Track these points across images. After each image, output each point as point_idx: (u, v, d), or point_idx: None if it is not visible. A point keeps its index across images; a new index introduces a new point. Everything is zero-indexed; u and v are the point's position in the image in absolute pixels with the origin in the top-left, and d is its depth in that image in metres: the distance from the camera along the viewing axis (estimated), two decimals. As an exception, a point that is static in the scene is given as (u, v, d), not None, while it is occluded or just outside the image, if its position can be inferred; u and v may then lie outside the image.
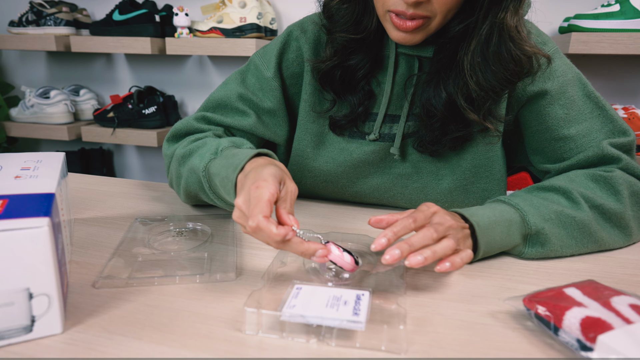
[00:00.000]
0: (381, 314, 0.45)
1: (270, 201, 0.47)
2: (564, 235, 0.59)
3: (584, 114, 0.68)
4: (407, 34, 0.62)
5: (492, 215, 0.57)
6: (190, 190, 0.68)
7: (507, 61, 0.61)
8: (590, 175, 0.65)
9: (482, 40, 0.61)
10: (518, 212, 0.58)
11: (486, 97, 0.64)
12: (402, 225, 0.51)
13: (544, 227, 0.58)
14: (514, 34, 0.60)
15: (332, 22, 0.70)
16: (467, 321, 0.46)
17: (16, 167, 0.55)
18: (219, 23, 1.59)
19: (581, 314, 0.41)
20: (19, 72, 2.13)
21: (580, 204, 0.60)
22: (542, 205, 0.60)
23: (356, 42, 0.69)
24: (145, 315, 0.46)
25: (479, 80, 0.62)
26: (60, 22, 1.77)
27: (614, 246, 0.63)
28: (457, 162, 0.73)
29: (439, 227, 0.51)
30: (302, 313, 0.42)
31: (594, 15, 1.33)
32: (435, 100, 0.67)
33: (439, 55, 0.66)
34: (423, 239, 0.50)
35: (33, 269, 0.40)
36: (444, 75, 0.66)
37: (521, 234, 0.58)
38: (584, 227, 0.60)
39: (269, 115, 0.77)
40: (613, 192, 0.63)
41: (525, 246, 0.59)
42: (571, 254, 0.60)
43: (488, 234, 0.56)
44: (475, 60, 0.62)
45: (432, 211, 0.54)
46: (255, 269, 0.56)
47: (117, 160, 2.15)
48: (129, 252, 0.58)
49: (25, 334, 0.41)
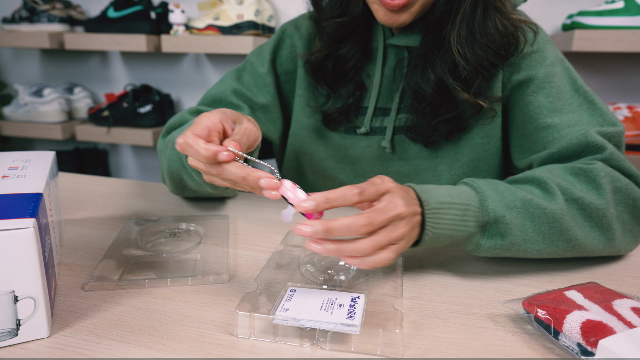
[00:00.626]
0: (377, 317, 0.44)
1: (208, 126, 0.45)
2: (529, 228, 0.51)
3: (572, 105, 0.64)
4: (393, 14, 0.61)
5: (448, 195, 0.50)
6: (173, 171, 0.66)
7: (492, 33, 0.60)
8: (569, 168, 0.57)
9: (467, 13, 0.60)
10: (478, 196, 0.51)
11: (475, 72, 0.63)
12: (341, 194, 0.43)
13: (504, 215, 0.50)
14: (499, 4, 0.60)
15: (320, 10, 0.70)
16: (465, 325, 0.45)
17: (4, 167, 0.54)
18: (215, 20, 1.58)
19: (582, 317, 0.40)
20: (12, 70, 2.11)
21: (555, 194, 0.52)
22: (509, 191, 0.52)
23: (344, 28, 0.69)
24: (135, 319, 0.44)
25: (467, 55, 0.61)
26: (53, 19, 1.75)
27: (592, 249, 0.54)
28: (455, 157, 0.72)
29: (380, 216, 0.43)
30: (296, 316, 0.41)
31: (597, 12, 1.32)
32: (423, 84, 0.66)
33: (426, 37, 0.66)
34: (348, 228, 0.42)
35: (18, 271, 0.38)
36: (430, 57, 0.65)
37: (478, 221, 0.50)
38: (554, 222, 0.51)
39: (262, 111, 0.77)
40: (594, 186, 0.54)
41: (482, 236, 0.51)
42: (538, 252, 0.52)
43: (439, 215, 0.48)
44: (461, 34, 0.61)
45: (385, 188, 0.46)
46: (249, 271, 0.55)
47: (112, 160, 2.13)
48: (120, 254, 0.57)
49: (10, 337, 0.40)
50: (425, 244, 0.50)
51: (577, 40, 1.31)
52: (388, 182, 0.47)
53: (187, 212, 0.73)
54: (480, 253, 0.52)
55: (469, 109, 0.67)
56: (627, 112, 1.42)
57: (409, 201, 0.47)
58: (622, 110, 1.43)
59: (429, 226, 0.48)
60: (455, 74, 0.64)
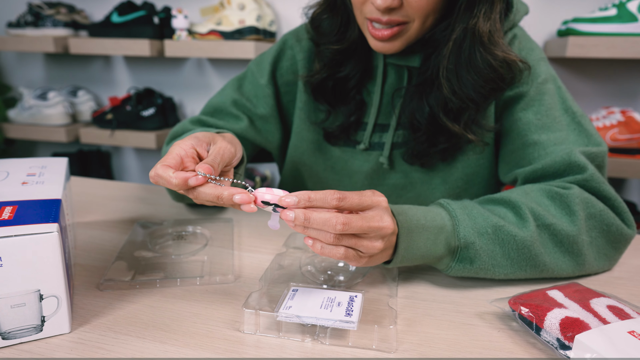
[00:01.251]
0: (373, 315, 0.48)
1: (179, 154, 0.47)
2: (498, 254, 0.53)
3: (560, 124, 0.65)
4: (385, 43, 0.63)
5: (423, 218, 0.51)
6: None
7: (479, 68, 0.61)
8: (546, 191, 0.58)
9: (456, 45, 0.61)
10: (452, 220, 0.53)
11: (463, 106, 0.64)
12: (322, 196, 0.44)
13: (474, 242, 0.52)
14: (486, 39, 0.60)
15: (319, 35, 0.72)
16: (455, 322, 0.48)
17: (22, 173, 0.58)
18: (217, 25, 1.61)
19: (561, 314, 0.43)
20: (17, 74, 2.14)
21: (527, 221, 0.54)
22: (481, 217, 0.53)
23: (342, 53, 0.70)
24: (148, 316, 0.48)
25: (454, 88, 0.62)
26: (58, 24, 1.79)
27: (561, 274, 0.55)
28: (449, 171, 0.74)
29: (360, 221, 0.44)
30: (298, 313, 0.44)
31: (591, 19, 1.35)
32: (419, 114, 0.68)
33: (424, 66, 0.68)
34: (325, 222, 0.43)
35: (43, 271, 0.42)
36: (426, 88, 0.67)
37: (448, 245, 0.52)
38: (523, 248, 0.53)
39: (262, 121, 0.79)
40: (568, 212, 0.56)
41: (452, 260, 0.53)
42: (505, 275, 0.54)
43: (411, 237, 0.50)
44: (448, 67, 0.62)
45: (373, 201, 0.46)
46: (253, 271, 0.58)
47: (115, 162, 2.17)
48: (131, 255, 0.60)
49: (35, 333, 0.43)
50: (396, 264, 0.51)
51: (571, 47, 1.34)
52: (379, 196, 0.48)
53: (191, 216, 0.76)
54: (449, 273, 0.54)
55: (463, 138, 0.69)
56: (620, 117, 1.46)
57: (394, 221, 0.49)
58: (616, 115, 1.47)
59: (401, 248, 0.50)
60: (446, 107, 0.65)
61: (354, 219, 0.44)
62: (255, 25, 1.58)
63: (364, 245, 0.46)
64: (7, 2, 2.02)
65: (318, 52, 0.73)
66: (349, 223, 0.44)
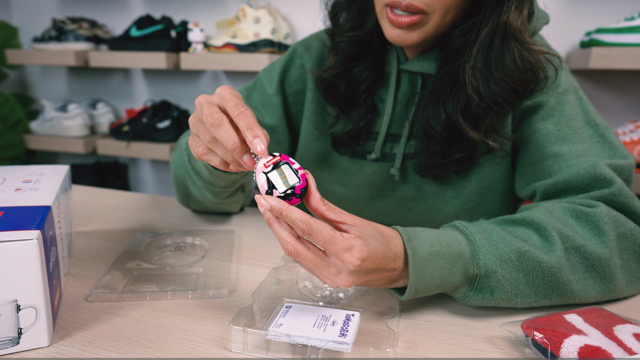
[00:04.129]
0: (371, 336, 0.44)
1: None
2: (521, 283, 0.48)
3: (582, 135, 0.61)
4: (402, 31, 0.60)
5: (437, 244, 0.46)
6: (178, 177, 0.67)
7: (510, 67, 0.58)
8: (570, 210, 0.54)
9: (484, 43, 0.58)
10: (470, 246, 0.48)
11: (487, 110, 0.60)
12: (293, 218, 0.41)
13: (496, 271, 0.47)
14: (519, 34, 0.57)
15: (336, 25, 0.70)
16: (461, 346, 0.44)
17: (18, 180, 0.57)
18: (233, 38, 1.62)
19: (580, 342, 0.39)
20: (40, 87, 2.20)
21: (554, 244, 0.49)
22: (503, 241, 0.49)
23: (358, 44, 0.68)
24: (133, 331, 0.45)
25: (480, 90, 0.59)
26: (80, 38, 1.83)
27: (588, 300, 0.51)
28: (462, 184, 0.70)
29: (307, 261, 0.42)
30: (288, 332, 0.41)
31: (616, 29, 1.30)
32: (434, 122, 0.65)
33: (441, 72, 0.65)
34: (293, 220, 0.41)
35: (21, 281, 0.40)
36: (443, 94, 0.64)
37: (466, 273, 0.47)
38: (550, 276, 0.48)
39: (269, 131, 0.76)
40: (597, 233, 0.51)
41: (470, 289, 0.48)
42: (528, 304, 0.49)
43: (425, 267, 0.45)
44: (476, 66, 0.58)
45: (341, 257, 0.41)
46: (249, 286, 0.55)
47: (131, 174, 2.19)
48: (125, 266, 0.58)
49: (12, 345, 0.41)
50: (408, 297, 0.46)
51: (594, 58, 1.29)
52: (353, 255, 0.41)
53: (195, 227, 0.74)
54: (466, 303, 0.49)
55: (481, 148, 0.65)
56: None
57: (381, 262, 0.43)
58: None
59: (413, 280, 0.45)
60: (466, 112, 0.61)
61: (304, 255, 0.41)
62: (270, 38, 1.58)
63: (318, 275, 0.44)
64: (34, 18, 2.09)
65: (334, 45, 0.70)
66: (297, 256, 0.41)
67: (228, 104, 0.44)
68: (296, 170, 0.43)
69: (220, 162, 0.48)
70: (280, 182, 0.42)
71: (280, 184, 0.42)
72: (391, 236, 0.45)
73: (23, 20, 2.11)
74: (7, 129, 1.91)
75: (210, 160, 0.49)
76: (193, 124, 0.48)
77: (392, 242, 0.45)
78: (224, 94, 0.46)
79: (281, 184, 0.42)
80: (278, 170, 0.43)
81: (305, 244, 0.42)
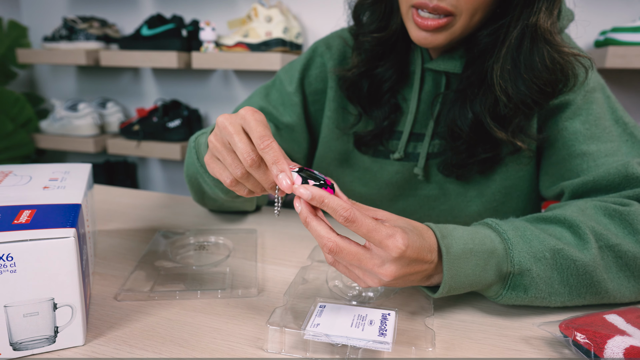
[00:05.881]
0: (408, 335, 0.44)
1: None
2: (555, 281, 0.48)
3: (611, 134, 0.61)
4: (428, 34, 0.59)
5: (471, 241, 0.46)
6: (191, 176, 0.67)
7: (539, 69, 0.57)
8: (602, 208, 0.53)
9: (513, 45, 0.57)
10: (503, 244, 0.47)
11: (515, 110, 0.60)
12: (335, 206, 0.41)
13: (531, 269, 0.47)
14: (549, 36, 0.56)
15: (360, 25, 0.69)
16: (498, 346, 0.43)
17: (45, 178, 0.56)
18: (244, 37, 1.61)
19: (624, 343, 0.38)
20: (50, 86, 2.20)
21: (588, 242, 0.48)
22: (537, 239, 0.48)
23: (382, 43, 0.67)
24: (166, 330, 0.45)
25: (508, 91, 0.58)
26: (90, 37, 1.83)
27: (622, 300, 0.50)
28: (486, 184, 0.69)
29: (350, 255, 0.41)
30: (327, 332, 0.41)
31: (633, 28, 1.29)
32: (460, 121, 0.64)
33: (467, 71, 0.64)
34: (335, 208, 0.41)
35: (58, 279, 0.39)
36: (470, 93, 0.63)
37: (499, 271, 0.47)
38: (584, 274, 0.48)
39: (287, 130, 0.76)
40: (631, 232, 0.50)
41: (503, 287, 0.48)
42: (562, 303, 0.48)
43: (459, 265, 0.45)
44: (505, 67, 0.58)
45: (383, 244, 0.41)
46: (277, 285, 0.55)
47: (140, 173, 2.19)
48: (151, 265, 0.58)
49: (48, 344, 0.41)
50: (442, 294, 0.46)
51: (611, 57, 1.28)
52: (397, 240, 0.41)
53: (215, 226, 0.74)
54: (498, 301, 0.49)
55: (506, 148, 0.65)
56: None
57: (420, 253, 0.43)
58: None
59: (447, 277, 0.45)
60: (494, 112, 0.61)
61: (346, 250, 0.41)
62: (282, 37, 1.58)
63: (355, 275, 0.44)
64: (43, 18, 2.09)
65: (357, 44, 0.70)
66: (339, 252, 0.41)
67: (253, 134, 0.43)
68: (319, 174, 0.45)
69: (248, 193, 0.48)
70: (311, 178, 0.43)
71: (312, 179, 0.43)
72: (424, 229, 0.46)
73: (32, 19, 2.12)
74: (17, 128, 1.92)
75: (238, 191, 0.48)
76: (217, 148, 0.47)
77: (426, 234, 0.45)
78: (248, 121, 0.44)
79: (312, 179, 0.43)
80: (303, 173, 0.44)
81: (345, 239, 0.42)
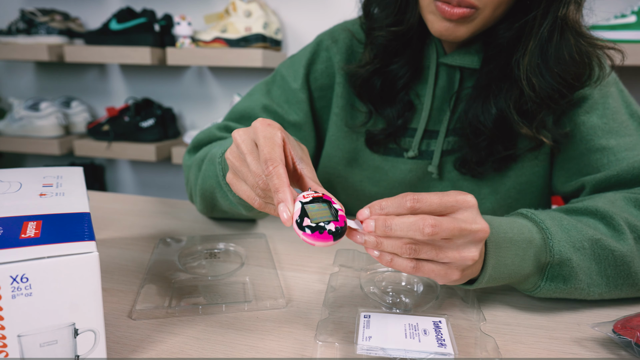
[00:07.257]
0: (466, 343, 0.41)
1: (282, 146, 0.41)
2: (594, 272, 0.47)
3: (628, 128, 0.61)
4: (451, 24, 0.57)
5: (510, 230, 0.45)
6: (206, 189, 0.62)
7: (567, 62, 0.56)
8: (632, 200, 0.53)
9: (543, 39, 0.56)
10: (541, 233, 0.46)
11: (541, 105, 0.59)
12: (394, 202, 0.38)
13: (571, 258, 0.45)
14: (579, 29, 0.55)
15: (371, 19, 0.66)
16: (553, 350, 0.42)
17: (37, 184, 0.50)
18: (222, 33, 1.55)
19: (689, 341, 0.37)
20: (5, 83, 2.04)
21: (623, 233, 0.48)
22: (575, 229, 0.47)
23: (398, 39, 0.64)
24: (197, 351, 0.40)
25: (535, 86, 0.57)
26: (52, 31, 1.71)
27: None
28: (500, 181, 0.68)
29: (450, 224, 0.37)
30: (382, 345, 0.37)
31: (609, 26, 1.33)
32: (484, 117, 0.62)
33: (489, 66, 0.62)
34: (410, 226, 0.36)
35: (80, 301, 0.34)
36: (495, 88, 0.61)
37: (537, 262, 0.46)
38: (622, 265, 0.47)
39: (294, 129, 0.72)
40: None
41: (541, 278, 0.47)
42: (599, 295, 0.48)
43: (500, 253, 0.43)
44: (534, 61, 0.56)
45: (459, 200, 0.39)
46: (304, 294, 0.51)
47: (109, 176, 2.07)
48: (161, 277, 0.53)
49: (66, 377, 0.35)
50: (481, 284, 0.44)
51: (589, 55, 1.31)
52: (465, 195, 0.39)
53: (217, 231, 0.69)
54: (536, 294, 0.48)
55: (527, 144, 0.64)
56: None
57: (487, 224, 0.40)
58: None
59: (489, 265, 0.43)
60: (519, 107, 0.60)
61: (445, 220, 0.37)
62: (262, 33, 1.53)
63: (450, 256, 0.39)
64: (-4, 9, 1.94)
65: (370, 40, 0.66)
66: (439, 225, 0.36)
67: (260, 155, 0.41)
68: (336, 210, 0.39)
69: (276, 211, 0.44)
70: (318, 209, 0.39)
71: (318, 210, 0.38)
72: None
73: (-16, 11, 1.96)
74: (-29, 130, 1.76)
75: (269, 211, 0.45)
76: (235, 167, 0.45)
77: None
78: (258, 138, 0.41)
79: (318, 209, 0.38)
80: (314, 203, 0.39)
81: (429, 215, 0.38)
